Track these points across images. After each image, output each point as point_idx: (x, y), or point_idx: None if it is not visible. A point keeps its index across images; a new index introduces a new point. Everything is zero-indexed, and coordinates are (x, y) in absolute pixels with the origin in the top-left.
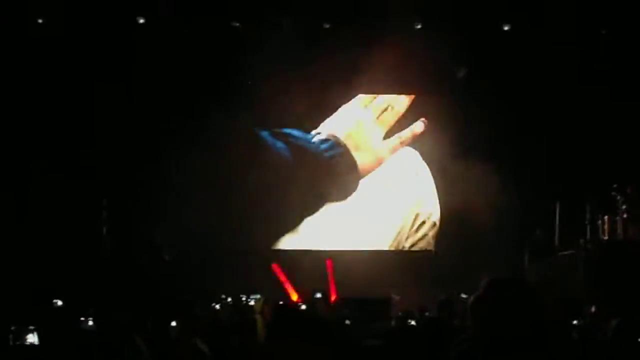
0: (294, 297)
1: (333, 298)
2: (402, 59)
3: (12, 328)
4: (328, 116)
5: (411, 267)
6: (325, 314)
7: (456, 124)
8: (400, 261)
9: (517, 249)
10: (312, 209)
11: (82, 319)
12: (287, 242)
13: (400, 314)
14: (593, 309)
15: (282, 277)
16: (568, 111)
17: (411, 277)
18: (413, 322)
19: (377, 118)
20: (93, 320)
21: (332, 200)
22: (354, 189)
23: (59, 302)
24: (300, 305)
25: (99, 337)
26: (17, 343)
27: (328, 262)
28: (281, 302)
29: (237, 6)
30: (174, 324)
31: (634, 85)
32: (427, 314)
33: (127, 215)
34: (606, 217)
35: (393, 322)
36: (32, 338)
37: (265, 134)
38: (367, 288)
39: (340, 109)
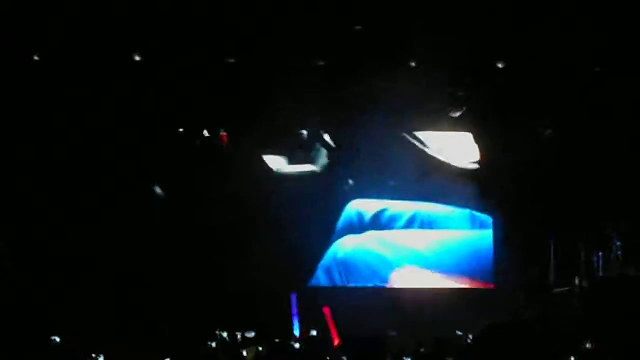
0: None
1: (336, 342)
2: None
3: None
4: None
5: (408, 305)
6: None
7: None
8: (397, 299)
9: (513, 287)
10: None
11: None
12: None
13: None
14: (589, 345)
15: (330, 321)
16: (562, 147)
17: (407, 315)
18: None
19: None
20: None
21: None
22: None
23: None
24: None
25: None
26: None
27: (325, 311)
28: (277, 340)
29: None
30: None
31: (627, 121)
32: (422, 350)
33: None
34: (601, 254)
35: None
36: None
37: None
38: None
39: None
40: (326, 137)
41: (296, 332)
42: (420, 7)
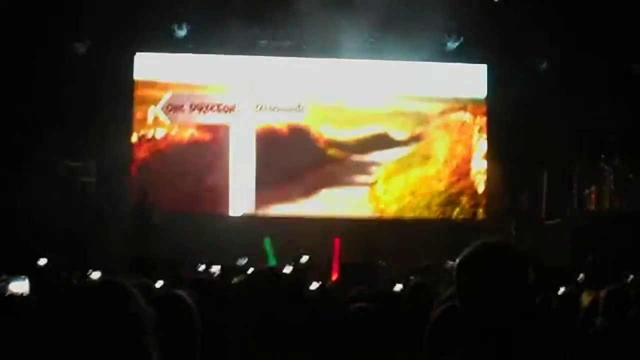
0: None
1: (334, 277)
2: None
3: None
4: None
5: (400, 234)
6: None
7: None
8: (389, 229)
9: (504, 218)
10: None
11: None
12: (278, 208)
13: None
14: (581, 276)
15: (336, 254)
16: (558, 81)
17: (399, 244)
18: (398, 287)
19: None
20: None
21: None
22: None
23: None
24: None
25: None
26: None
27: (336, 241)
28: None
29: None
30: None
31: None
32: (412, 278)
33: None
34: (593, 188)
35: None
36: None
37: None
38: (353, 254)
39: None
40: None
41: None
42: None
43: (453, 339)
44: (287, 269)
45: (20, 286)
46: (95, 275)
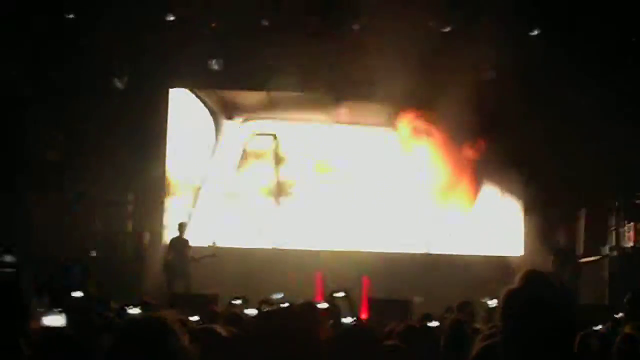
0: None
1: (363, 316)
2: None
3: None
4: None
5: (436, 270)
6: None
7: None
8: (424, 264)
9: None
10: None
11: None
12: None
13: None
14: (620, 314)
15: (365, 292)
16: (594, 118)
17: (436, 280)
18: (434, 323)
19: None
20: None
21: None
22: None
23: None
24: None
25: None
26: None
27: (364, 279)
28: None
29: None
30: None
31: None
32: (447, 315)
33: None
34: (631, 224)
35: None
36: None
37: None
38: (390, 290)
39: None
40: None
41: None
42: None
43: None
44: (323, 305)
45: (55, 320)
46: (133, 310)
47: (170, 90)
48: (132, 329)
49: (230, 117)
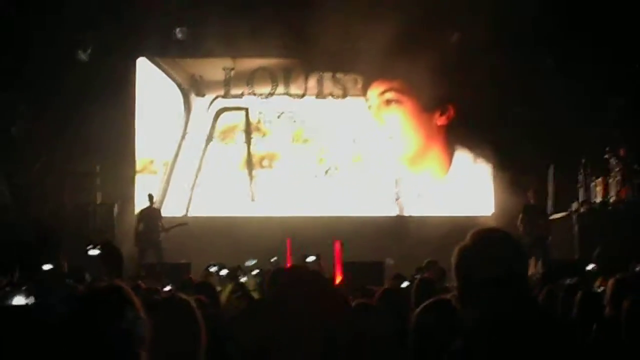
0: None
1: (338, 280)
2: None
3: None
4: None
5: (408, 232)
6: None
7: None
8: (396, 227)
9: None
10: None
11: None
12: (289, 208)
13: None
14: (591, 267)
15: (337, 256)
16: (561, 76)
17: (408, 242)
18: (405, 284)
19: None
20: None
21: None
22: None
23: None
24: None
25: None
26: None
27: (336, 243)
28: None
29: None
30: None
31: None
32: (418, 275)
33: None
34: (599, 180)
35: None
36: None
37: None
38: (363, 254)
39: None
40: None
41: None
42: None
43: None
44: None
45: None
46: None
47: (138, 61)
48: (89, 299)
49: (200, 94)
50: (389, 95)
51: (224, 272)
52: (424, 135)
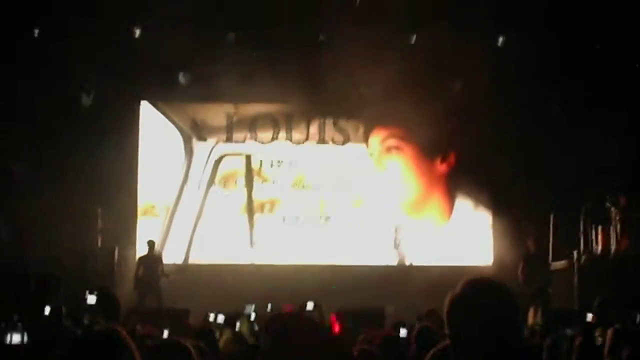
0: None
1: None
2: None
3: None
4: None
5: (409, 281)
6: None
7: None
8: (397, 276)
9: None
10: None
11: None
12: (289, 255)
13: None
14: (589, 317)
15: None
16: (564, 124)
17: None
18: (404, 331)
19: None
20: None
21: None
22: None
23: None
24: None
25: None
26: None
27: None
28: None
29: None
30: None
31: (628, 97)
32: (418, 323)
33: None
34: (600, 229)
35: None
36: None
37: None
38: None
39: None
40: None
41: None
42: None
43: None
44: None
45: (15, 337)
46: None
47: (142, 105)
48: (86, 342)
49: (202, 139)
50: (391, 142)
51: (221, 318)
52: (425, 183)
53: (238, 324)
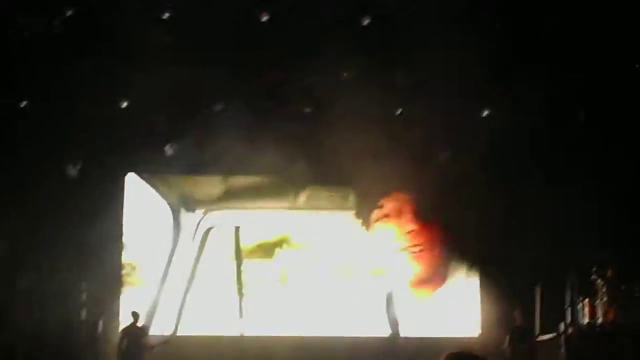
0: None
1: None
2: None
3: None
4: None
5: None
6: None
7: None
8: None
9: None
10: None
11: None
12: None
13: None
14: None
15: None
16: (547, 197)
17: None
18: None
19: None
20: None
21: None
22: None
23: None
24: None
25: None
26: None
27: None
28: None
29: None
30: None
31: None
32: None
33: None
34: (587, 301)
35: None
36: None
37: None
38: None
39: None
40: None
41: None
42: None
43: None
44: None
45: None
46: None
47: (127, 177)
48: None
49: (190, 210)
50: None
51: None
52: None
53: None
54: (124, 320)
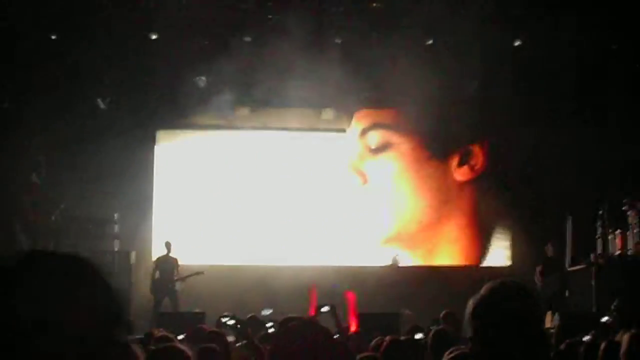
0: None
1: (353, 329)
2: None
3: None
4: None
5: (427, 282)
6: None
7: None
8: (414, 277)
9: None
10: None
11: None
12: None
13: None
14: (606, 319)
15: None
16: (581, 127)
17: (426, 292)
18: (420, 335)
19: None
20: None
21: None
22: None
23: None
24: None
25: None
26: None
27: (350, 296)
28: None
29: None
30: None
31: None
32: (434, 327)
33: None
34: (618, 232)
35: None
36: None
37: None
38: (380, 305)
39: None
40: None
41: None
42: None
43: None
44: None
45: None
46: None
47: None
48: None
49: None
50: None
51: (231, 322)
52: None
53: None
54: (157, 251)
